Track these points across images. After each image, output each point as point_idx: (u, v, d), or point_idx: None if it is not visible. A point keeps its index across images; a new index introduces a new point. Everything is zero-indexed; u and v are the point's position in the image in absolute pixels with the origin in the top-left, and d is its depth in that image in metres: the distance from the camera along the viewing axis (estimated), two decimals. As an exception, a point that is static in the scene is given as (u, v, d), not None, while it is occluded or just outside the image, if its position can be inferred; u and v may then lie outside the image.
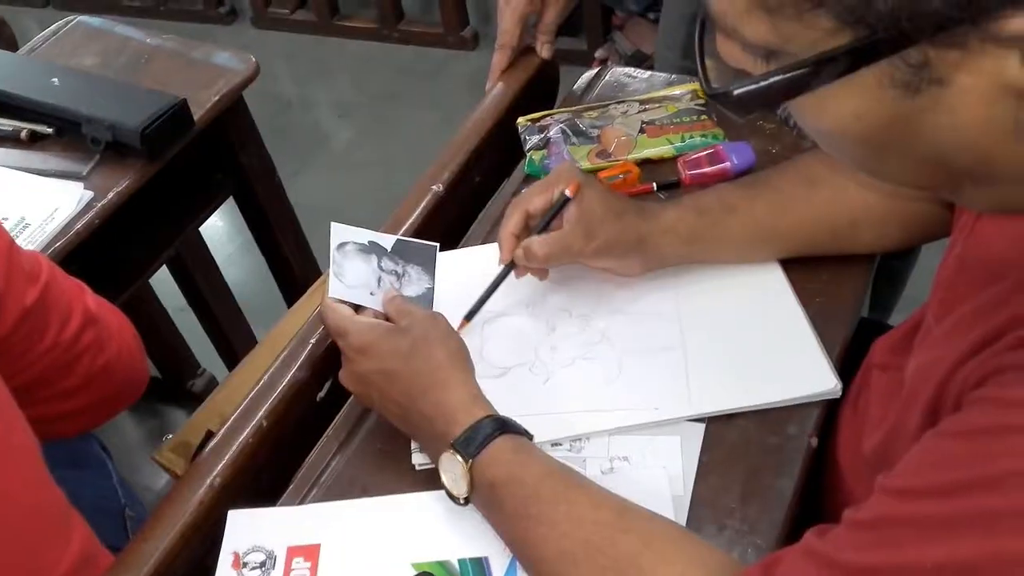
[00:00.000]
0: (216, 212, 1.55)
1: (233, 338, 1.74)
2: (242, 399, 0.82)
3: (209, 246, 1.67)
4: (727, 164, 0.93)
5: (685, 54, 1.37)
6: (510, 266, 0.82)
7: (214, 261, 1.69)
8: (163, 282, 1.72)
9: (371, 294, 0.80)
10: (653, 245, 0.81)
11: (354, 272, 0.80)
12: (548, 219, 0.80)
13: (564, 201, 0.79)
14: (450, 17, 2.72)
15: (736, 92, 0.44)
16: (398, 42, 2.88)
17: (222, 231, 2.31)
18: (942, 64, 0.39)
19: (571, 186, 0.79)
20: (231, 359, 1.76)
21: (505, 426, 0.69)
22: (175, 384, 1.88)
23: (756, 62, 0.43)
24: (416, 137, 2.52)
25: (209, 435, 1.02)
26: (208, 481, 0.75)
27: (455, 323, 0.79)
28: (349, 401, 0.84)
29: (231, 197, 1.47)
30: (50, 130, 1.21)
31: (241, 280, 2.02)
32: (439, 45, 2.80)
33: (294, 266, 1.56)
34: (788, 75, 0.42)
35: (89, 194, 1.14)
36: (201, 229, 1.60)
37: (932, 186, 0.49)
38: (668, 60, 1.42)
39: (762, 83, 0.42)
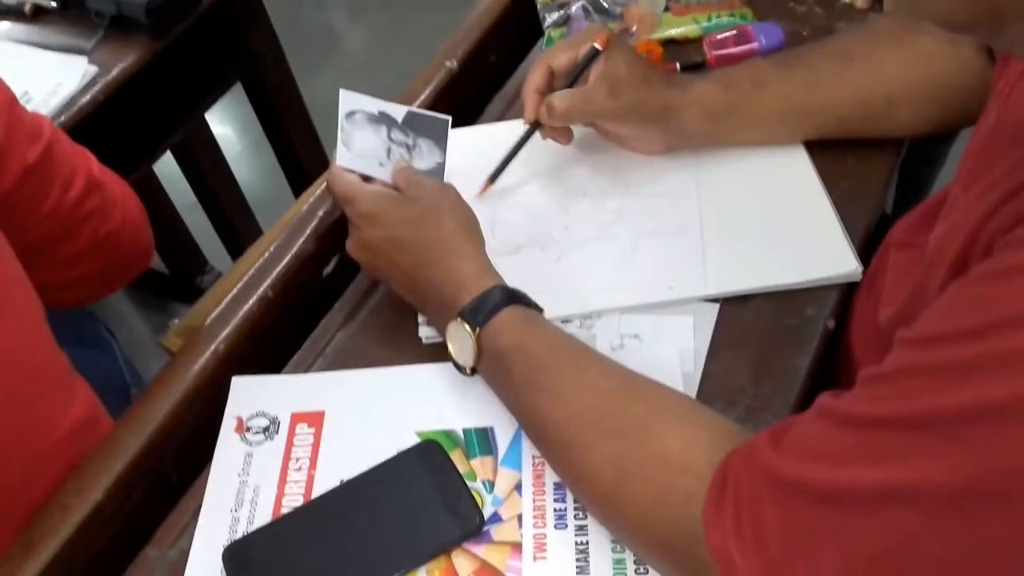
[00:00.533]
0: (225, 111, 1.52)
1: (241, 234, 1.73)
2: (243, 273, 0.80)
3: (220, 136, 1.64)
4: (755, 44, 0.89)
5: None
6: (535, 125, 0.79)
7: (222, 153, 1.66)
8: (172, 179, 1.70)
9: (380, 165, 0.77)
10: (677, 117, 0.78)
11: (363, 142, 0.77)
12: (574, 75, 0.77)
13: (591, 56, 0.76)
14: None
15: None
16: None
17: (231, 130, 2.27)
18: None
19: (601, 38, 0.76)
20: (235, 253, 1.75)
21: (514, 297, 0.67)
22: (183, 280, 1.88)
23: None
24: (431, 40, 2.46)
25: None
26: (212, 347, 0.74)
27: (469, 194, 0.76)
28: (357, 277, 0.82)
29: (241, 94, 1.43)
30: (54, 3, 1.18)
31: (250, 180, 1.99)
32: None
33: (303, 160, 1.53)
34: None
35: (93, 69, 1.11)
36: (210, 129, 1.58)
37: (975, 19, 0.46)
38: None
39: None
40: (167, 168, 1.62)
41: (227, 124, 2.26)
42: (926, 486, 0.41)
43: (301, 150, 1.50)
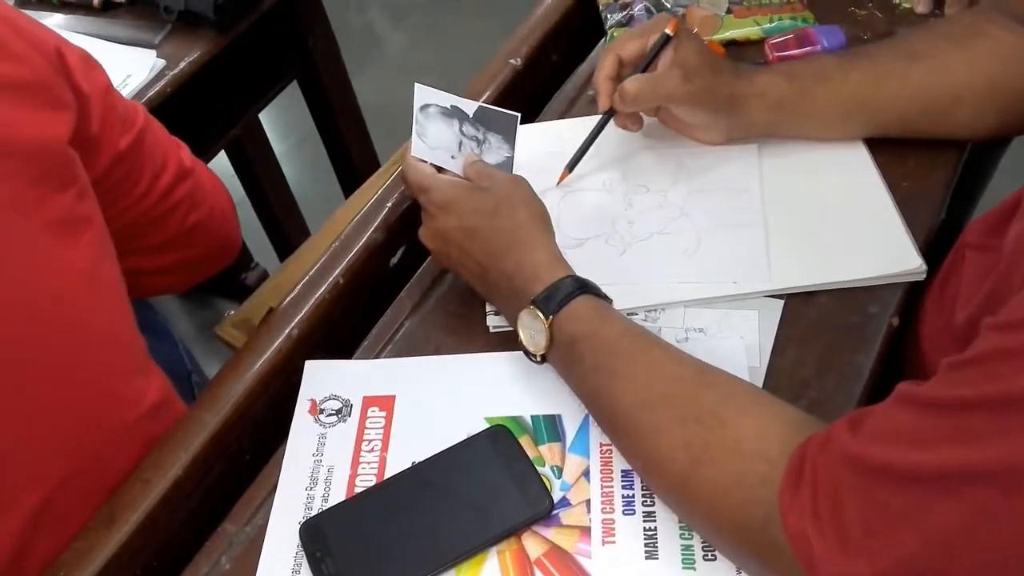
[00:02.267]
0: (275, 107, 1.54)
1: (288, 231, 1.75)
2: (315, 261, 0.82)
3: (273, 132, 1.67)
4: (816, 47, 0.90)
5: None
6: (609, 113, 0.81)
7: (272, 151, 1.69)
8: (219, 173, 1.73)
9: (452, 157, 0.79)
10: (743, 107, 0.79)
11: (436, 134, 0.79)
12: (647, 60, 0.79)
13: (663, 42, 0.78)
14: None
15: None
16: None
17: (280, 126, 2.30)
18: None
19: (671, 25, 0.78)
20: (284, 252, 1.77)
21: (585, 286, 0.69)
22: (228, 276, 1.90)
23: None
24: (472, 44, 2.48)
25: (271, 312, 1.03)
26: (286, 331, 0.76)
27: (536, 188, 0.78)
28: (423, 266, 0.84)
29: (286, 93, 1.46)
30: (122, -1, 1.21)
31: (296, 176, 2.02)
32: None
33: (355, 157, 1.56)
34: None
35: (162, 62, 1.14)
36: (263, 127, 1.60)
37: None
38: None
39: None
40: (215, 164, 1.66)
41: (276, 122, 2.29)
42: (1008, 465, 0.43)
43: (354, 149, 1.52)
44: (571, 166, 0.83)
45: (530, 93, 0.98)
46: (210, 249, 0.88)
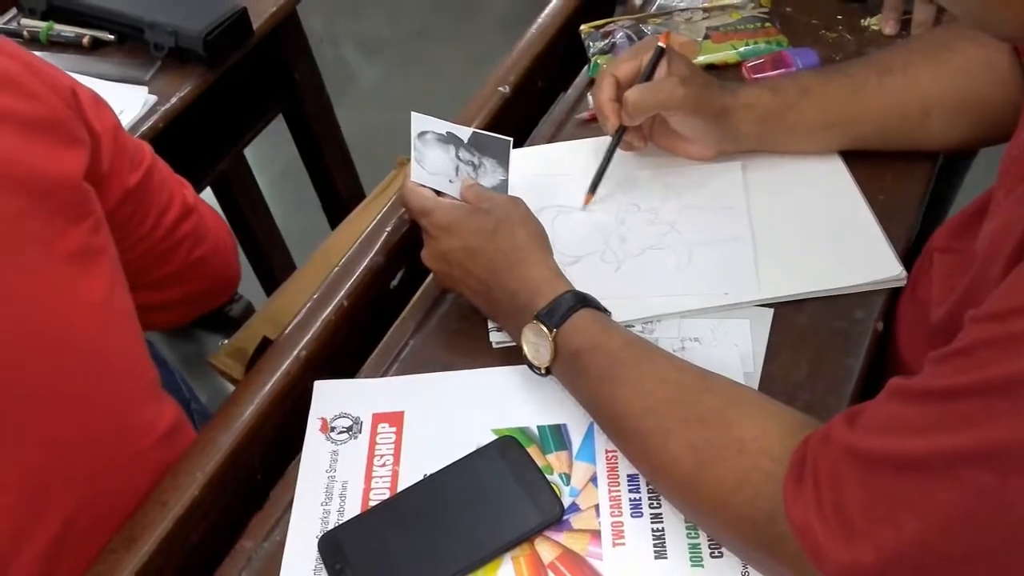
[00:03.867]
0: (258, 137, 1.57)
1: (273, 263, 1.77)
2: (305, 298, 0.84)
3: (258, 163, 1.69)
4: (792, 68, 0.95)
5: None
6: (621, 131, 0.85)
7: (256, 183, 1.71)
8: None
9: (450, 181, 0.82)
10: (732, 118, 0.83)
11: (434, 160, 0.82)
12: (644, 76, 0.82)
13: (658, 55, 0.82)
14: (483, -46, 2.71)
15: None
16: (429, -23, 2.88)
17: (263, 157, 2.32)
18: None
19: (663, 37, 0.82)
20: (270, 286, 1.78)
21: (585, 300, 0.72)
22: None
23: None
24: (447, 75, 2.53)
25: (265, 341, 1.05)
26: (295, 353, 0.78)
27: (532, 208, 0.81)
28: (423, 287, 0.86)
29: (275, 120, 1.49)
30: (111, 37, 1.23)
31: (280, 207, 2.04)
32: (471, -20, 2.80)
33: (340, 187, 1.58)
34: None
35: (153, 98, 1.16)
36: (247, 160, 1.63)
37: None
38: None
39: None
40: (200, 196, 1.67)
41: (257, 152, 2.31)
42: (1001, 446, 0.46)
43: (339, 180, 1.55)
44: (593, 188, 0.86)
45: (519, 118, 1.01)
46: (212, 283, 0.90)
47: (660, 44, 0.82)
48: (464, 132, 0.83)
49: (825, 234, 0.82)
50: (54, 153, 0.67)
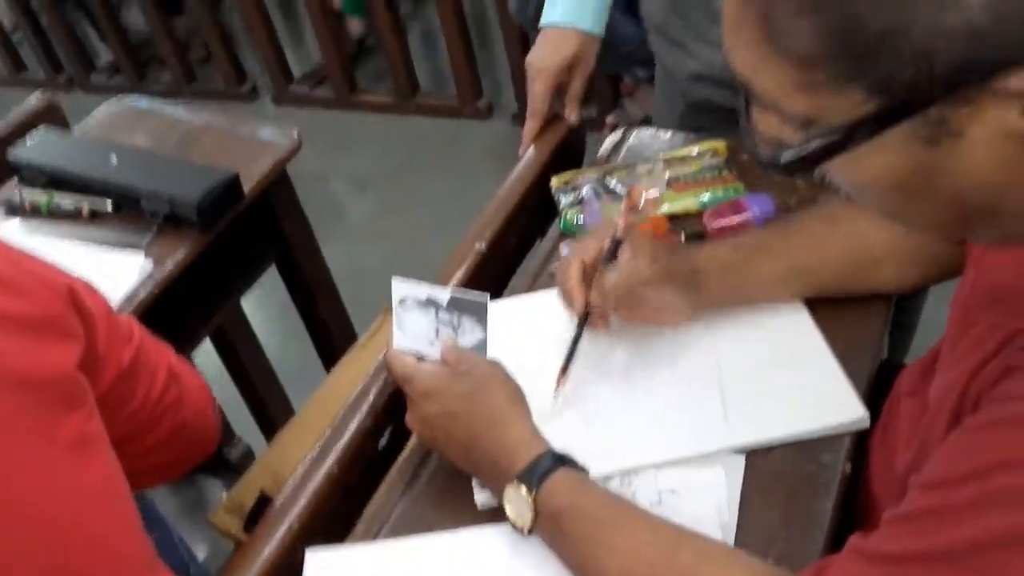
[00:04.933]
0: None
1: (269, 405, 1.80)
2: (299, 455, 0.87)
3: (253, 313, 1.75)
4: (749, 213, 1.01)
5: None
6: (585, 316, 0.88)
7: (253, 331, 1.76)
8: (200, 349, 1.79)
9: (430, 344, 0.86)
10: (702, 280, 0.88)
11: (414, 324, 0.87)
12: (608, 258, 0.87)
13: (617, 242, 0.86)
14: (465, 89, 2.83)
15: (783, 160, 0.50)
16: (415, 114, 3.00)
17: (256, 300, 2.38)
18: (956, 119, 0.45)
19: (619, 225, 0.87)
20: (267, 427, 1.81)
21: (563, 460, 0.75)
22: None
23: (794, 131, 0.50)
24: (436, 206, 2.61)
25: (263, 495, 1.07)
26: (287, 525, 0.81)
27: (509, 361, 0.84)
28: (409, 446, 0.90)
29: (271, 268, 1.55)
30: (109, 206, 1.29)
31: (275, 348, 2.09)
32: (455, 116, 2.91)
33: (332, 329, 1.63)
34: (827, 141, 0.48)
35: (149, 264, 1.21)
36: (243, 310, 1.68)
37: (948, 226, 0.56)
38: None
39: (804, 149, 0.49)
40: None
41: (251, 296, 2.37)
42: None
43: (331, 322, 1.60)
44: (563, 370, 0.88)
45: (496, 272, 1.07)
46: (195, 444, 0.93)
47: (618, 233, 0.87)
48: (443, 294, 0.87)
49: (790, 380, 0.85)
50: (48, 349, 0.70)
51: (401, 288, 0.87)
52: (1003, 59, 0.42)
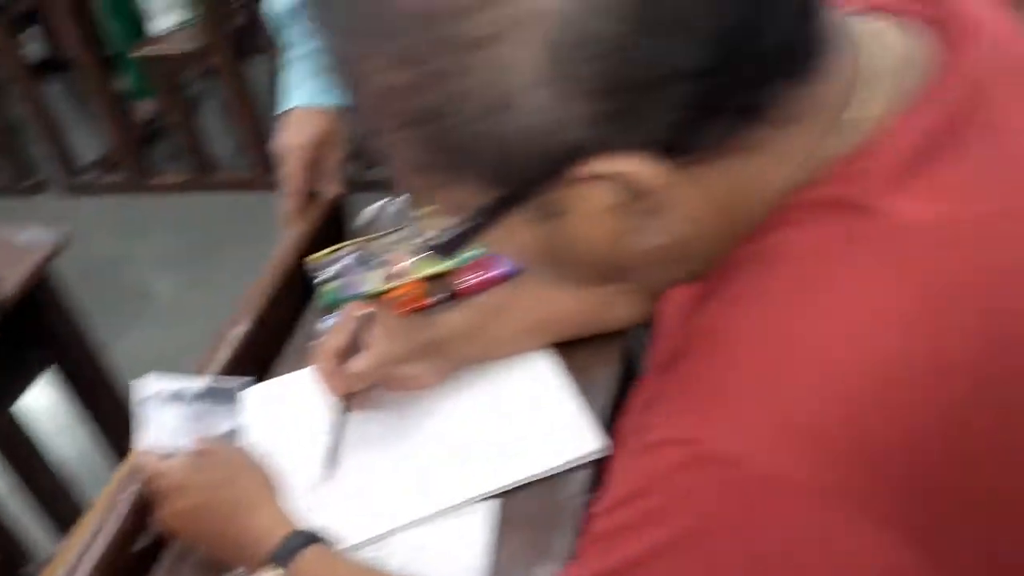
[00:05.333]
0: (38, 392, 1.55)
1: (63, 513, 1.70)
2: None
3: (33, 419, 1.66)
4: (497, 270, 1.06)
5: None
6: (347, 403, 0.90)
7: (30, 441, 1.66)
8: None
9: (180, 439, 0.86)
10: (449, 347, 0.92)
11: (160, 422, 0.86)
12: (355, 336, 0.89)
13: (360, 323, 0.89)
14: (258, 162, 2.82)
15: (432, 243, 0.55)
16: (212, 190, 2.95)
17: (45, 403, 2.26)
18: (557, 201, 0.51)
19: (361, 310, 0.90)
20: (61, 533, 1.71)
21: (314, 538, 0.77)
22: (8, 572, 1.81)
23: (449, 218, 0.54)
24: (242, 278, 2.57)
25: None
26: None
27: (274, 444, 0.85)
28: (169, 544, 0.88)
29: (50, 369, 1.48)
30: None
31: (70, 452, 1.98)
32: (251, 189, 2.89)
33: (120, 432, 1.57)
34: (466, 226, 0.53)
35: None
36: (23, 403, 1.59)
37: (604, 281, 0.62)
38: None
39: (450, 233, 0.53)
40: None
41: (40, 400, 2.24)
42: None
43: (117, 425, 1.54)
44: (328, 465, 0.89)
45: (263, 351, 1.07)
46: None
47: (357, 316, 0.90)
48: (194, 385, 0.88)
49: (534, 421, 0.91)
50: None
51: (145, 386, 0.87)
52: (576, 150, 0.47)
